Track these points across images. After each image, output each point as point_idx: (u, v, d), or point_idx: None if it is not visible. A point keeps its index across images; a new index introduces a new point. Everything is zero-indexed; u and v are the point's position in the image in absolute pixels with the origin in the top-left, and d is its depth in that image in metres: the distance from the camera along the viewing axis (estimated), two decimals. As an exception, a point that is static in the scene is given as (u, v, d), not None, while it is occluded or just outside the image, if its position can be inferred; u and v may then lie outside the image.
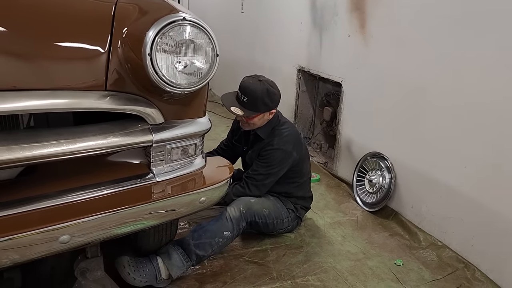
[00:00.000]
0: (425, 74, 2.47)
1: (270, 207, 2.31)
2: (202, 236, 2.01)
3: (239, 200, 2.22)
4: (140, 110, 1.33)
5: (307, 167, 2.49)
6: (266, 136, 2.31)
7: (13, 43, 1.17)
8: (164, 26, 1.23)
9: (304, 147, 2.45)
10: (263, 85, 2.19)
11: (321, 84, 3.83)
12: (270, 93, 2.20)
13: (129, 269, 1.84)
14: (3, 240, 1.09)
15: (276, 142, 2.27)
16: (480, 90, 2.14)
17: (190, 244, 1.98)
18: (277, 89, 2.27)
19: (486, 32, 2.08)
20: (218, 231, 2.05)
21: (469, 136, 2.22)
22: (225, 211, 2.13)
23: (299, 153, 2.35)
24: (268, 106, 2.22)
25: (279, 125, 2.33)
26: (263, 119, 2.27)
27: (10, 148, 1.12)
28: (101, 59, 1.27)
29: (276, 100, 2.26)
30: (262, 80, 2.21)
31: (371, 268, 2.23)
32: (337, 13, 3.22)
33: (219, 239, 2.05)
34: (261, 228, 2.32)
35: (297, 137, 2.38)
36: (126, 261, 1.86)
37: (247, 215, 2.18)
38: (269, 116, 2.28)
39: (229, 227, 2.09)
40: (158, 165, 1.44)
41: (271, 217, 2.30)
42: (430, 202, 2.52)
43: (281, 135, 2.29)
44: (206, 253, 2.01)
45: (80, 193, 1.28)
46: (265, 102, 2.19)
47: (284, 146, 2.27)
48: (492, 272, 2.14)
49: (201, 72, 1.35)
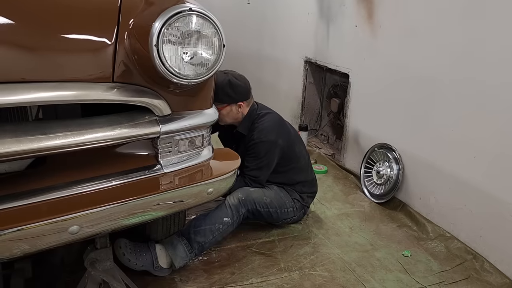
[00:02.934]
0: (434, 64, 2.44)
1: (271, 195, 2.32)
2: (202, 224, 2.05)
3: (238, 189, 2.25)
4: (147, 102, 1.33)
5: (300, 149, 2.47)
6: (247, 132, 2.30)
7: (21, 35, 1.17)
8: (170, 17, 1.23)
9: (291, 131, 2.44)
10: (226, 76, 2.18)
11: (328, 75, 3.81)
12: (233, 84, 2.18)
13: (125, 250, 1.87)
14: (13, 230, 1.10)
15: (256, 135, 2.27)
16: (490, 80, 2.11)
17: (191, 232, 2.01)
18: (243, 81, 2.25)
19: (496, 21, 2.05)
20: (218, 218, 2.09)
21: (478, 126, 2.20)
22: (225, 200, 2.17)
23: (286, 139, 2.35)
24: (232, 97, 2.20)
25: (258, 118, 2.32)
26: (232, 113, 2.25)
27: (20, 139, 1.13)
28: (108, 50, 1.27)
29: (241, 92, 2.23)
30: (227, 73, 2.20)
31: (379, 259, 2.23)
32: (344, 3, 3.19)
33: (219, 225, 2.08)
34: (264, 217, 2.33)
35: (279, 124, 2.36)
36: (123, 243, 1.89)
37: (246, 202, 2.19)
38: (238, 109, 2.25)
39: (229, 213, 2.12)
40: (166, 157, 1.45)
41: (273, 205, 2.30)
42: (439, 193, 2.50)
43: (260, 128, 2.28)
44: (206, 239, 2.04)
45: (88, 184, 1.29)
46: (226, 92, 2.17)
47: (266, 137, 2.26)
48: (501, 263, 2.12)
49: (208, 63, 1.34)
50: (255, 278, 2.03)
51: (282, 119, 2.44)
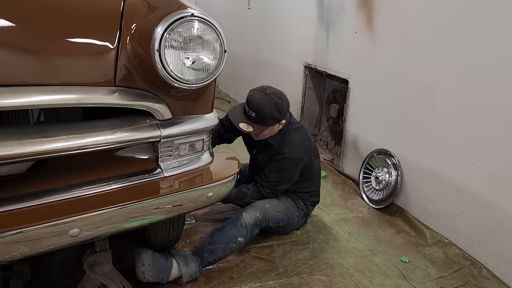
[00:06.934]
0: (433, 71, 2.46)
1: (283, 210, 2.34)
2: (216, 242, 2.05)
3: (255, 205, 2.25)
4: (148, 106, 1.34)
5: (317, 164, 2.50)
6: (277, 144, 2.28)
7: (23, 39, 1.18)
8: (172, 22, 1.24)
9: (313, 146, 2.44)
10: (270, 99, 2.11)
11: (328, 81, 3.83)
12: (279, 106, 2.13)
13: (146, 268, 1.86)
14: (13, 233, 1.10)
15: (287, 151, 2.24)
16: (487, 88, 2.12)
17: (205, 251, 2.02)
18: (285, 99, 2.20)
19: (494, 30, 2.07)
20: (232, 237, 2.09)
21: (476, 133, 2.21)
22: (241, 217, 2.16)
23: (310, 156, 2.36)
24: (277, 119, 2.17)
25: (289, 131, 2.29)
26: (273, 131, 2.23)
27: (21, 142, 1.13)
28: (110, 55, 1.28)
29: (285, 112, 2.20)
30: (269, 93, 2.13)
31: (377, 265, 2.23)
32: (344, 9, 3.21)
33: (232, 245, 2.09)
34: (272, 231, 2.36)
35: (306, 142, 2.35)
36: (146, 259, 1.87)
37: (262, 222, 2.21)
38: (279, 127, 2.23)
39: (243, 233, 2.13)
40: (166, 160, 1.45)
41: (283, 219, 2.34)
42: (437, 199, 2.51)
43: (291, 144, 2.26)
44: (217, 257, 2.06)
45: (89, 187, 1.29)
46: (273, 116, 2.13)
47: (295, 155, 2.26)
48: (499, 270, 2.13)
49: (209, 68, 1.35)
50: (254, 282, 2.03)
51: (309, 134, 2.43)
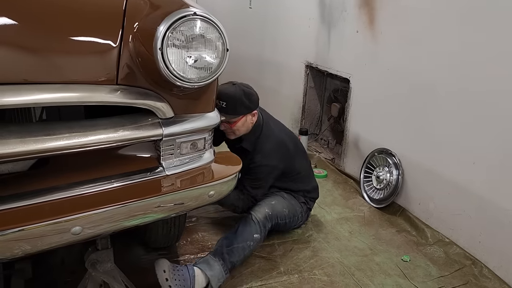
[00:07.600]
0: (434, 70, 2.46)
1: (288, 206, 2.35)
2: (233, 242, 2.05)
3: (261, 203, 2.25)
4: (150, 104, 1.34)
5: (301, 163, 2.44)
6: (251, 149, 2.25)
7: (25, 37, 1.18)
8: (175, 21, 1.24)
9: (290, 148, 2.35)
10: (238, 88, 2.14)
11: (329, 80, 3.83)
12: (247, 94, 2.15)
13: (168, 275, 1.81)
14: (15, 231, 1.10)
15: (258, 159, 2.22)
16: (489, 87, 2.12)
17: (224, 252, 2.00)
18: (253, 90, 2.22)
19: (496, 30, 2.07)
20: (249, 235, 2.09)
21: (477, 132, 2.21)
22: (251, 215, 2.17)
23: (286, 161, 2.31)
24: (248, 107, 2.16)
25: (262, 136, 2.27)
26: (246, 123, 2.20)
27: (24, 140, 1.13)
28: (113, 53, 1.28)
29: (255, 101, 2.20)
30: (236, 84, 2.17)
31: (378, 264, 2.23)
32: (345, 8, 3.21)
33: (250, 242, 2.08)
34: (280, 228, 2.36)
35: (281, 147, 2.30)
36: (167, 266, 1.83)
37: (272, 217, 2.22)
38: (252, 119, 2.21)
39: (258, 229, 2.13)
40: (168, 159, 1.45)
41: (290, 215, 2.35)
42: (438, 198, 2.51)
43: (264, 152, 2.24)
44: (239, 258, 2.04)
45: (91, 185, 1.29)
46: (244, 103, 2.13)
47: (267, 162, 2.23)
48: (500, 269, 2.13)
49: (211, 66, 1.35)
50: (255, 281, 2.03)
51: (284, 136, 2.37)
